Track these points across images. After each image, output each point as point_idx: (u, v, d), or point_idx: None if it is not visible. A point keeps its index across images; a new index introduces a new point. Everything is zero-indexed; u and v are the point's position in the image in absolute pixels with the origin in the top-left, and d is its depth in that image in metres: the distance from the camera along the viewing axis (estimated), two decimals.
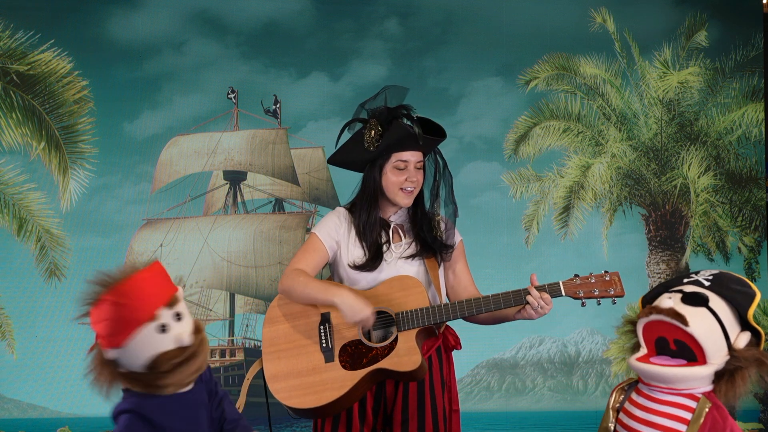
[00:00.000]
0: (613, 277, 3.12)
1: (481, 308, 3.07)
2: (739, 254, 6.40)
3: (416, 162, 3.12)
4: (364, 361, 3.05)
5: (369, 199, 3.17)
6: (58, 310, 5.82)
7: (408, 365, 3.02)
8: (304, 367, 3.08)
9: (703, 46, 6.46)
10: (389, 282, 3.11)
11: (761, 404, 6.30)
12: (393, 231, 3.20)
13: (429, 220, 3.21)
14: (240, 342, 6.33)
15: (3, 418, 5.75)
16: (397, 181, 3.12)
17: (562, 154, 6.42)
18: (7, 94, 5.86)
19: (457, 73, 6.31)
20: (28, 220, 5.87)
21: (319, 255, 3.16)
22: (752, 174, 6.44)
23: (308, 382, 3.06)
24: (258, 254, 6.19)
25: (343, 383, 3.03)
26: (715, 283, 2.28)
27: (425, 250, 3.17)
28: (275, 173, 6.32)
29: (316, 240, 3.17)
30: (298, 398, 3.06)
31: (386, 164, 3.12)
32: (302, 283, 3.07)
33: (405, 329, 3.05)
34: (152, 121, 6.06)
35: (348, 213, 3.23)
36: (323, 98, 6.19)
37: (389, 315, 3.08)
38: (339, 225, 3.19)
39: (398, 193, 3.13)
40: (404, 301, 3.07)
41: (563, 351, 6.40)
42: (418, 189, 3.16)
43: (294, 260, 3.15)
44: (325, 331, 3.09)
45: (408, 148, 3.09)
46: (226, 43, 6.18)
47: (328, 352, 3.08)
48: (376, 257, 3.14)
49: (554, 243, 6.34)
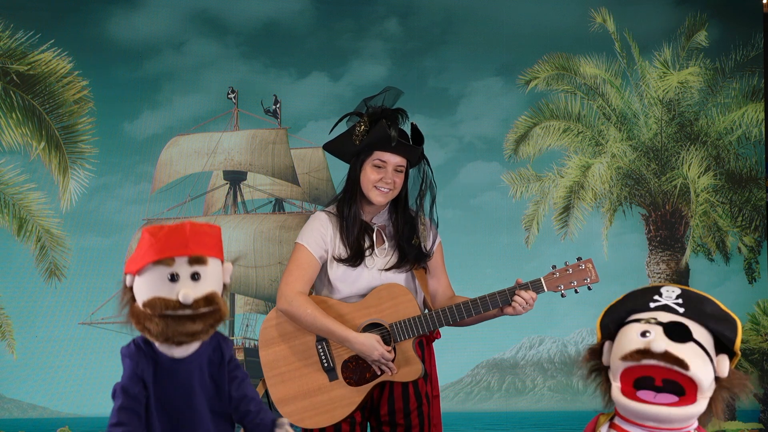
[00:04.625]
0: (587, 264, 3.26)
1: (471, 311, 3.14)
2: (739, 254, 6.40)
3: (396, 164, 3.16)
4: (368, 375, 3.12)
5: (351, 191, 3.22)
6: (58, 310, 5.83)
7: (411, 375, 3.12)
8: (311, 387, 3.14)
9: (703, 46, 6.46)
10: (377, 292, 3.15)
11: (761, 404, 6.30)
12: (376, 234, 3.23)
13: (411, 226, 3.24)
14: (240, 342, 6.33)
15: (3, 418, 5.75)
16: (373, 178, 3.16)
17: (562, 154, 6.42)
18: (7, 94, 5.86)
19: (457, 73, 6.31)
20: (28, 220, 5.87)
21: (311, 269, 3.19)
22: (752, 174, 6.44)
23: (317, 402, 3.12)
24: (258, 254, 6.19)
25: (352, 400, 3.11)
26: (689, 308, 2.06)
27: (404, 259, 3.21)
28: (275, 173, 6.32)
29: (305, 252, 3.19)
30: (311, 419, 3.12)
31: (367, 160, 3.18)
32: (311, 316, 3.11)
33: (401, 340, 3.12)
34: (152, 121, 6.07)
35: (329, 216, 3.24)
36: (323, 98, 6.19)
37: (383, 327, 3.13)
38: (324, 232, 3.21)
39: (372, 190, 3.17)
40: (395, 310, 3.13)
41: (563, 351, 6.40)
42: (394, 191, 3.18)
43: (290, 278, 3.17)
44: (323, 349, 3.15)
45: (388, 149, 3.15)
46: (226, 43, 6.18)
47: (330, 371, 3.14)
48: (358, 255, 3.18)
49: (554, 243, 6.34)
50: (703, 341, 2.02)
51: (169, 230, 2.16)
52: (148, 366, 2.22)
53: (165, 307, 2.12)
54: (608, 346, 2.11)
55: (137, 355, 2.22)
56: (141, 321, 2.15)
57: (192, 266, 2.16)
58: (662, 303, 2.08)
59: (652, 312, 2.07)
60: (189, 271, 2.15)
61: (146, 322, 2.14)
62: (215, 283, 2.20)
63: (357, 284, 3.18)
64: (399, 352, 3.11)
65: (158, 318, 2.13)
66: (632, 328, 2.04)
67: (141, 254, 2.17)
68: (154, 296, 2.13)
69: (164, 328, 2.13)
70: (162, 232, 2.16)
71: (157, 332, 2.14)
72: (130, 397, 2.19)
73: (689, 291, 2.09)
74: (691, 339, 2.00)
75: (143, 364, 2.22)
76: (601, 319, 2.17)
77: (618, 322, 2.10)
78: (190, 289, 2.14)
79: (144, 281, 2.16)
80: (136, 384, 2.20)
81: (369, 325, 3.12)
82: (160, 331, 2.14)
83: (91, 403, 5.74)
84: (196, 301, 2.14)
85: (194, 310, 2.14)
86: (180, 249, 2.15)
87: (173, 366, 2.23)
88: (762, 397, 6.29)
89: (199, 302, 2.15)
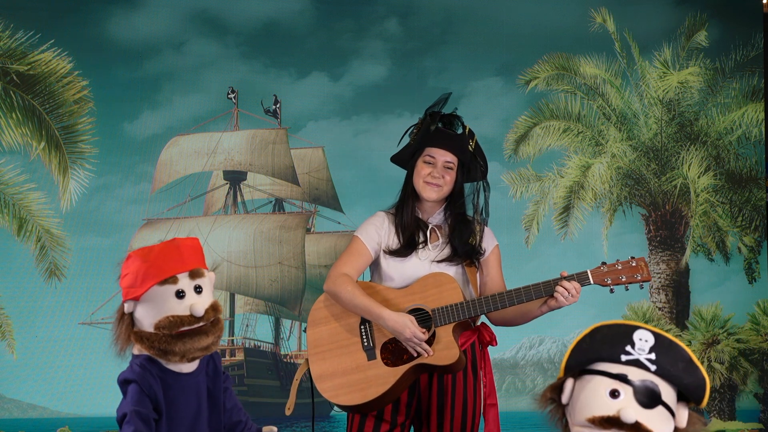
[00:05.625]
0: (639, 262, 3.29)
1: (513, 300, 3.16)
2: (739, 254, 6.40)
3: (445, 161, 3.26)
4: (405, 357, 3.15)
5: (409, 194, 3.30)
6: (58, 310, 5.83)
7: (447, 359, 3.12)
8: (348, 365, 3.20)
9: (703, 46, 6.46)
10: (423, 280, 3.21)
11: (761, 404, 6.30)
12: (431, 231, 3.30)
13: (465, 226, 3.31)
14: (240, 342, 6.33)
15: (3, 418, 5.75)
16: (424, 173, 3.25)
17: (562, 154, 6.42)
18: (7, 94, 5.86)
19: (457, 73, 6.31)
20: (28, 220, 5.87)
21: (362, 258, 3.27)
22: (752, 174, 6.44)
23: (353, 380, 3.17)
24: (258, 254, 6.19)
25: (386, 380, 3.14)
26: (661, 366, 2.00)
27: (456, 254, 3.27)
28: (275, 173, 6.32)
29: (359, 243, 3.28)
30: (344, 396, 3.17)
31: (419, 158, 3.28)
32: (350, 293, 3.18)
33: (441, 324, 3.14)
34: (152, 121, 6.07)
35: (386, 215, 3.35)
36: (323, 98, 6.19)
37: (425, 312, 3.16)
38: (380, 226, 3.31)
39: (422, 185, 3.25)
40: (438, 297, 3.17)
41: (563, 351, 6.39)
42: (445, 187, 3.27)
43: (339, 263, 3.26)
44: (365, 330, 3.21)
45: (436, 145, 3.26)
46: (226, 43, 6.18)
47: (370, 350, 3.19)
48: (410, 245, 3.25)
49: (554, 243, 6.34)
50: (669, 400, 2.00)
51: (160, 250, 2.20)
52: (157, 385, 2.22)
53: (180, 324, 2.16)
54: (570, 384, 2.08)
55: (145, 375, 2.21)
56: (154, 344, 2.17)
57: (194, 280, 2.21)
58: (634, 358, 2.01)
59: (623, 366, 2.01)
60: (192, 285, 2.20)
61: (161, 344, 2.16)
62: (212, 292, 2.26)
63: (407, 274, 3.25)
64: (438, 336, 3.13)
65: (175, 337, 2.15)
66: (601, 384, 2.00)
67: (139, 279, 2.18)
68: (165, 316, 2.16)
69: (184, 348, 2.17)
70: (153, 253, 2.20)
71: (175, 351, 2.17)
72: (144, 421, 2.18)
73: (662, 339, 2.02)
74: (660, 403, 1.97)
75: (153, 384, 2.21)
76: (567, 360, 2.10)
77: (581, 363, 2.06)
78: (198, 300, 2.19)
79: (150, 304, 2.17)
80: (147, 406, 2.20)
81: (412, 310, 3.17)
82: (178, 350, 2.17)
83: (91, 403, 5.74)
84: (207, 311, 2.20)
85: (206, 321, 2.19)
86: (179, 266, 2.20)
87: (185, 382, 2.25)
88: (762, 397, 6.29)
89: (209, 312, 2.20)
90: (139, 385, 2.20)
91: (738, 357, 6.28)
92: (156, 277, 2.17)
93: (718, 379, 6.26)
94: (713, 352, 6.26)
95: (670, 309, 6.31)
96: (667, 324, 6.25)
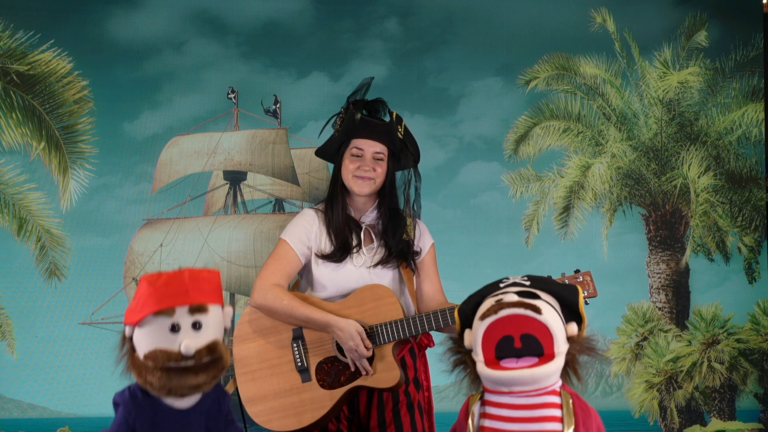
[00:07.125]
0: (585, 277, 3.05)
1: None
2: (739, 254, 6.40)
3: (374, 152, 3.08)
4: (342, 379, 2.97)
5: (338, 192, 3.11)
6: (58, 310, 5.82)
7: (387, 381, 2.95)
8: (281, 387, 2.99)
9: (703, 46, 6.46)
10: (359, 292, 3.01)
11: (761, 404, 6.30)
12: (364, 233, 3.11)
13: (398, 221, 3.11)
14: None
15: (3, 418, 5.75)
16: (352, 167, 3.07)
17: (562, 154, 6.42)
18: (7, 94, 5.86)
19: (457, 73, 6.31)
20: (28, 220, 5.87)
21: (291, 264, 3.06)
22: (752, 174, 6.44)
23: (287, 404, 2.97)
24: (258, 254, 6.19)
25: (323, 403, 2.95)
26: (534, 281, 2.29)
27: (391, 254, 3.08)
28: (275, 173, 6.32)
29: (286, 247, 3.06)
30: (277, 421, 2.97)
31: (346, 151, 3.10)
32: (287, 306, 2.97)
33: (381, 344, 2.96)
34: (152, 121, 6.06)
35: (316, 213, 3.14)
36: (323, 98, 6.19)
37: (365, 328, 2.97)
38: (310, 228, 3.10)
39: (353, 180, 3.07)
40: (376, 312, 2.98)
41: None
42: (376, 180, 3.08)
43: (266, 271, 3.04)
44: (298, 348, 3.00)
45: (364, 136, 3.08)
46: (226, 43, 6.18)
47: (304, 371, 2.99)
48: (343, 249, 3.05)
49: (554, 243, 6.34)
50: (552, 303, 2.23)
51: (167, 278, 2.11)
52: (141, 416, 2.14)
53: (167, 359, 2.07)
54: (468, 332, 2.26)
55: (131, 404, 2.14)
56: (142, 374, 2.10)
57: (193, 315, 2.11)
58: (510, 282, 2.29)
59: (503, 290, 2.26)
60: (190, 320, 2.10)
61: (148, 375, 2.08)
62: (216, 330, 2.14)
63: (342, 282, 3.05)
64: (378, 356, 2.94)
65: (160, 371, 2.07)
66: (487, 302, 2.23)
67: (140, 305, 2.11)
68: (155, 348, 2.08)
69: (166, 381, 2.08)
70: (160, 280, 2.11)
71: (159, 386, 2.08)
72: None
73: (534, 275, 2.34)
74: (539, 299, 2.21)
75: (136, 414, 2.14)
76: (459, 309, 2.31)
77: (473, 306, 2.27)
78: (192, 339, 2.09)
79: (144, 333, 2.10)
80: None
81: None
82: (162, 385, 2.08)
83: (91, 403, 5.74)
84: (198, 351, 2.09)
85: (197, 361, 2.09)
86: (180, 298, 2.10)
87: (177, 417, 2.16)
88: (762, 397, 6.29)
89: (201, 353, 2.09)
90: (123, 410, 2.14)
91: (738, 357, 6.28)
92: (153, 306, 2.08)
93: (718, 379, 6.26)
94: (713, 352, 6.26)
95: (670, 309, 6.31)
96: (667, 324, 6.25)
